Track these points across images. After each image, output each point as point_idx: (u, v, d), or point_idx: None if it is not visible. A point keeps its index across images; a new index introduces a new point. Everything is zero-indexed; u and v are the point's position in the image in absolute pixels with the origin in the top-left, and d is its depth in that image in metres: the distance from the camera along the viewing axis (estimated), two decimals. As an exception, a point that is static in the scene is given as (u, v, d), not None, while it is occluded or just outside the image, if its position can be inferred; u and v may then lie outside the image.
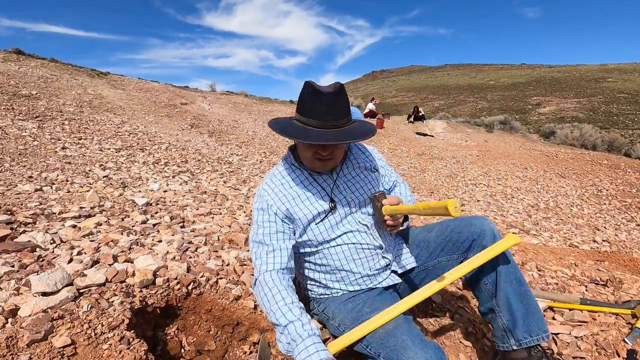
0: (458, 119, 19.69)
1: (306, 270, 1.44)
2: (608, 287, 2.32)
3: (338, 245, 1.33)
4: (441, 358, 1.03)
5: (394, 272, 1.42)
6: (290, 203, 1.31)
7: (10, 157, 3.85)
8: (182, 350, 1.42)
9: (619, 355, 1.59)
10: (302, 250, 1.39)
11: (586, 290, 2.25)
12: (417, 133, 13.65)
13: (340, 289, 1.38)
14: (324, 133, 1.18)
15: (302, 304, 1.16)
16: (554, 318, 1.87)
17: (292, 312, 1.10)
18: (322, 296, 1.42)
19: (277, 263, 1.22)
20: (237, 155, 6.72)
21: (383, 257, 1.38)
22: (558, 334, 1.71)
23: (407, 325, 1.13)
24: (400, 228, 1.38)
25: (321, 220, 1.31)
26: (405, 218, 1.43)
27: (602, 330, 1.74)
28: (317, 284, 1.42)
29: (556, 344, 1.64)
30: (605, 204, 7.30)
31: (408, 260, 1.47)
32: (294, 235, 1.32)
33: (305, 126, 1.21)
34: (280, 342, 1.09)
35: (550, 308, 1.95)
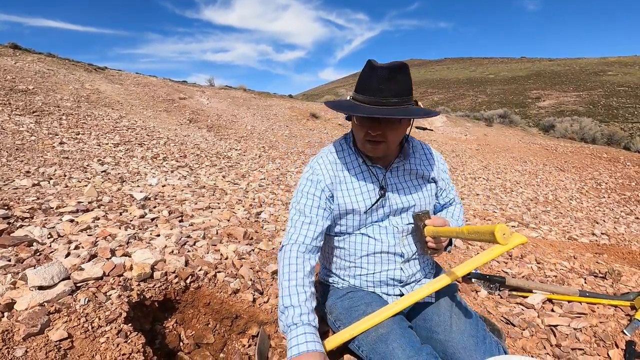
0: (457, 113, 19.66)
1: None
2: (607, 279, 2.32)
3: (361, 234, 1.29)
4: None
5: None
6: (338, 186, 1.27)
7: (7, 152, 3.83)
8: (181, 343, 1.42)
9: (617, 347, 1.59)
10: (326, 232, 1.33)
11: (585, 282, 2.26)
12: (417, 127, 13.63)
13: (343, 280, 1.35)
14: (372, 108, 1.10)
15: (313, 290, 1.14)
16: (553, 310, 1.87)
17: (298, 296, 1.08)
18: (323, 282, 1.41)
19: (308, 237, 1.20)
20: (236, 149, 6.70)
21: (401, 268, 1.28)
22: (557, 325, 1.71)
23: (400, 331, 1.10)
24: (443, 252, 1.31)
25: (358, 213, 1.26)
26: (449, 242, 1.32)
27: (601, 322, 1.75)
28: (323, 268, 1.40)
29: (555, 335, 1.65)
30: (604, 197, 7.31)
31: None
32: (331, 215, 1.28)
33: (357, 102, 1.15)
34: (280, 321, 1.10)
35: (550, 300, 1.95)
